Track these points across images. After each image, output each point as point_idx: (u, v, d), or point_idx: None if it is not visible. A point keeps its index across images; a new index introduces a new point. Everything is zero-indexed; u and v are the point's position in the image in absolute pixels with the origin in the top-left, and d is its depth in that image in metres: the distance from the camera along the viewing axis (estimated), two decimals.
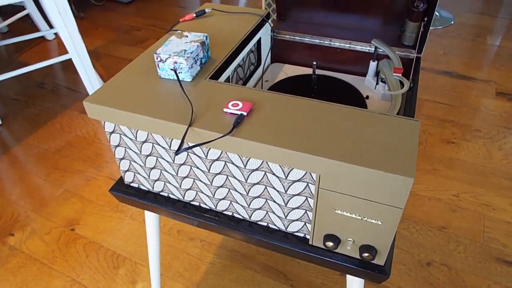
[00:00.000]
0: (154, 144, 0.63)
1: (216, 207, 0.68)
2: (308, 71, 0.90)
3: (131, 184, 0.75)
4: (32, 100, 1.82)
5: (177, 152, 0.51)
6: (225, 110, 0.57)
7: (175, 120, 0.56)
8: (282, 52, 0.93)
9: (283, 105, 0.58)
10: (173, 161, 0.64)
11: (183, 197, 0.70)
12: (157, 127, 0.58)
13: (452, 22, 2.28)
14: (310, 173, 0.53)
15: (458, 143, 1.43)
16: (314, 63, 0.76)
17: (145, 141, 0.64)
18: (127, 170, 0.72)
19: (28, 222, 1.25)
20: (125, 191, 0.74)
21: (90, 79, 1.70)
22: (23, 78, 1.98)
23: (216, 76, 0.68)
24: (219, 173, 0.61)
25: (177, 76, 0.63)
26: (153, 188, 0.72)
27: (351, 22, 0.86)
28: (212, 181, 0.63)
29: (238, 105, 0.57)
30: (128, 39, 2.26)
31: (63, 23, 1.50)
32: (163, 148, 0.63)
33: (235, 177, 0.60)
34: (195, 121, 0.56)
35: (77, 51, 1.59)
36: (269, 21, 0.87)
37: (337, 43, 0.86)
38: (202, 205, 0.69)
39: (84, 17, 2.52)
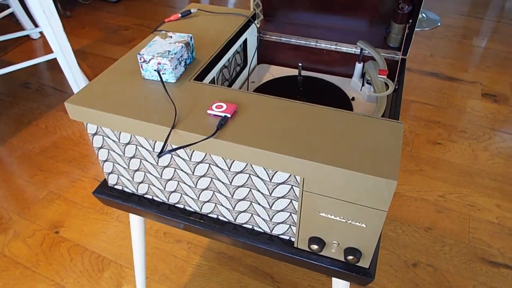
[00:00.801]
0: (137, 146, 0.62)
1: (201, 209, 0.67)
2: (295, 72, 0.90)
3: (115, 187, 0.73)
4: (17, 100, 1.79)
5: (160, 154, 0.50)
6: (208, 112, 0.56)
7: (158, 122, 0.55)
8: (269, 53, 0.93)
9: (268, 107, 0.57)
10: (157, 163, 0.63)
11: (168, 200, 0.69)
12: (140, 129, 0.57)
13: (439, 24, 2.30)
14: (295, 176, 0.52)
15: (444, 144, 1.45)
16: (300, 64, 0.76)
17: (128, 143, 0.63)
18: (111, 172, 0.71)
19: (11, 225, 1.22)
20: (109, 194, 0.73)
21: (75, 79, 1.67)
22: (7, 77, 1.94)
23: (201, 77, 0.67)
24: (204, 176, 0.60)
25: (161, 77, 0.62)
26: (137, 190, 0.71)
27: (337, 23, 0.86)
28: (196, 184, 0.62)
29: (222, 106, 0.56)
30: (115, 39, 2.23)
31: (47, 22, 1.48)
32: (147, 150, 0.62)
33: (219, 180, 0.59)
34: (178, 123, 0.55)
35: (62, 50, 1.57)
36: (256, 21, 0.87)
37: (323, 44, 0.86)
38: (187, 208, 0.68)
39: (70, 16, 2.49)
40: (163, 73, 0.63)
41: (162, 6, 2.62)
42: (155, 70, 0.63)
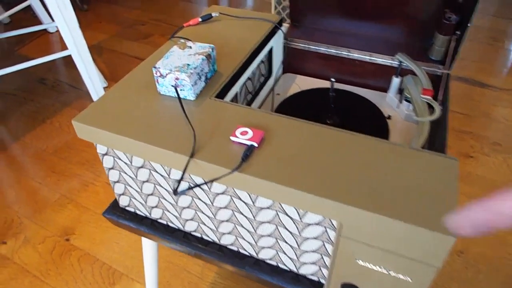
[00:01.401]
0: (151, 171, 0.56)
1: (219, 240, 0.61)
2: (323, 83, 0.83)
3: (127, 208, 0.68)
4: (32, 96, 1.76)
5: (176, 192, 0.44)
6: (232, 138, 0.49)
7: (174, 148, 0.49)
8: (295, 61, 0.85)
9: (299, 134, 0.50)
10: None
11: (183, 227, 0.63)
12: (153, 155, 0.51)
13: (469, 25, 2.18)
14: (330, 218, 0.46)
15: (477, 157, 1.35)
16: (333, 80, 0.68)
17: (141, 167, 0.57)
18: (122, 194, 0.65)
19: (21, 230, 1.19)
20: (120, 216, 0.68)
21: (90, 76, 1.62)
22: (23, 72, 1.91)
23: (223, 93, 0.60)
24: (224, 207, 0.54)
25: (178, 96, 0.56)
26: (150, 214, 0.65)
27: (373, 31, 0.78)
28: (216, 214, 0.56)
29: (247, 133, 0.50)
30: (132, 34, 2.18)
31: (62, 17, 1.43)
32: (161, 175, 0.56)
33: (242, 213, 0.53)
34: (198, 150, 0.48)
35: (77, 47, 1.52)
36: (282, 27, 0.79)
37: (355, 55, 0.78)
38: (204, 237, 0.62)
39: (87, 10, 2.44)
40: (181, 89, 0.57)
41: (181, 0, 2.55)
42: (172, 86, 0.57)
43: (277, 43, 0.78)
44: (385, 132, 0.69)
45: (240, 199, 0.51)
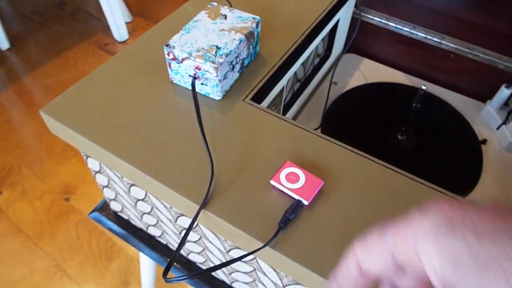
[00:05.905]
0: (148, 194, 0.40)
1: (231, 284, 0.46)
2: (397, 76, 0.62)
3: (119, 214, 0.53)
4: (48, 22, 1.58)
5: (165, 277, 0.27)
6: (272, 183, 0.32)
7: (179, 188, 0.32)
8: (364, 40, 0.64)
9: (375, 184, 0.32)
10: (175, 221, 0.41)
11: (187, 256, 0.48)
12: (149, 187, 0.34)
13: None
14: None
15: None
16: (424, 87, 0.48)
17: (141, 199, 0.40)
18: (114, 200, 0.50)
19: (19, 180, 1.08)
20: (112, 220, 0.53)
21: (110, 5, 1.41)
22: None
23: (264, 89, 0.41)
24: (244, 273, 0.38)
25: (195, 98, 0.37)
26: (147, 229, 0.50)
27: (486, 18, 0.56)
28: (231, 272, 0.40)
29: (297, 177, 0.32)
30: None
31: None
32: (162, 203, 0.39)
33: (265, 274, 0.37)
34: (214, 195, 0.31)
35: None
36: None
37: (452, 44, 0.56)
38: (213, 273, 0.47)
39: None
40: (202, 83, 0.38)
41: None
42: (190, 76, 0.38)
43: (345, 14, 0.57)
44: (476, 166, 0.50)
45: (266, 275, 0.34)
